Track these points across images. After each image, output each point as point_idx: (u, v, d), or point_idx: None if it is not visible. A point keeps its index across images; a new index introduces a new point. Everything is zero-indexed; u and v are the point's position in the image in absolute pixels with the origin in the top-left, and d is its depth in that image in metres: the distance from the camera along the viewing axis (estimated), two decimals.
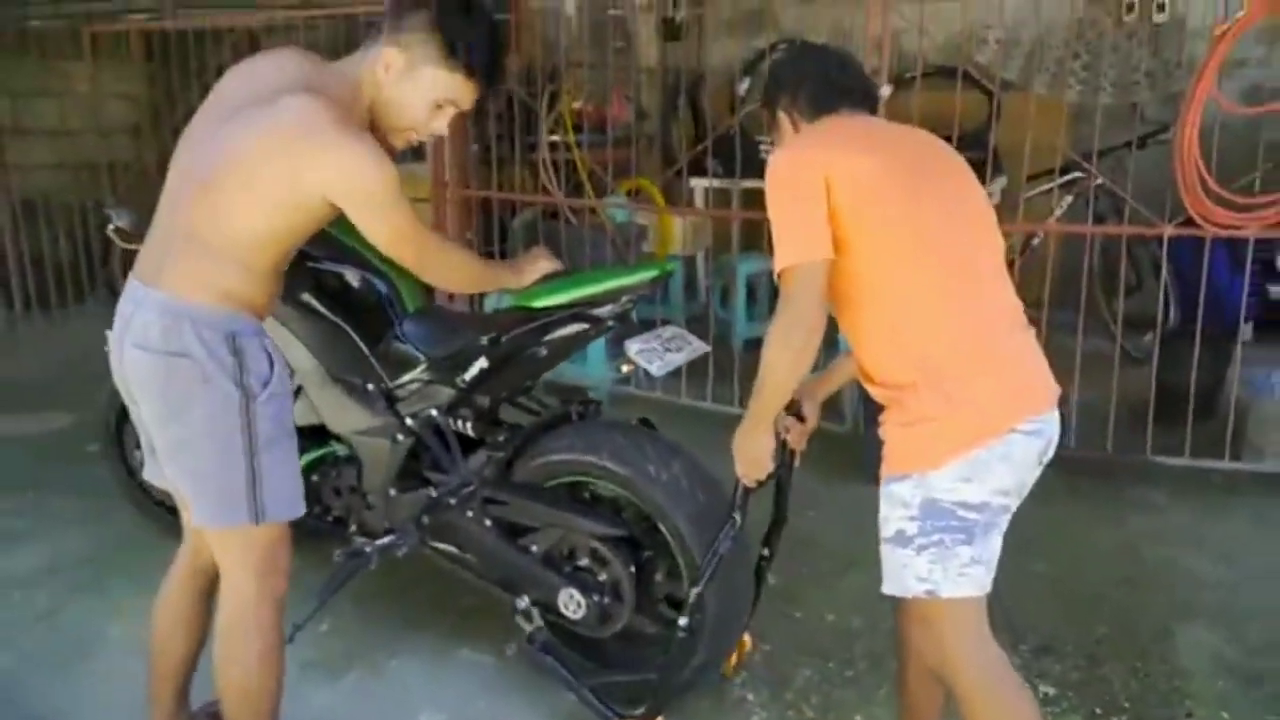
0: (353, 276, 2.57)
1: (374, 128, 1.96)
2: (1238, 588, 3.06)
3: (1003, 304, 1.87)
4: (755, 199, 4.49)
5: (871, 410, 1.87)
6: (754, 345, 2.23)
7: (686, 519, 2.24)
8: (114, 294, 2.01)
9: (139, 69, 6.09)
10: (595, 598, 2.31)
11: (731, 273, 5.34)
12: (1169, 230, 3.46)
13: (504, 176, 4.87)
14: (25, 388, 4.91)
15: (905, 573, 1.82)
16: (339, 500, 2.66)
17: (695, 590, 2.17)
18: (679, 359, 2.27)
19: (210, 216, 1.84)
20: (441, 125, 2.01)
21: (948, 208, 1.86)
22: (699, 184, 5.84)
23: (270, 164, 1.82)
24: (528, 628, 2.39)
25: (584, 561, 2.35)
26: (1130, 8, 5.72)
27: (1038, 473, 1.86)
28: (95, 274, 5.75)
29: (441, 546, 2.53)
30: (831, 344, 1.99)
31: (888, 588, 1.88)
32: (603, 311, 2.25)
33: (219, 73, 2.04)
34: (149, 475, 2.10)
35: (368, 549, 2.49)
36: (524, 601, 2.40)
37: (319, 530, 2.71)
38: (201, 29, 5.45)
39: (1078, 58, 5.77)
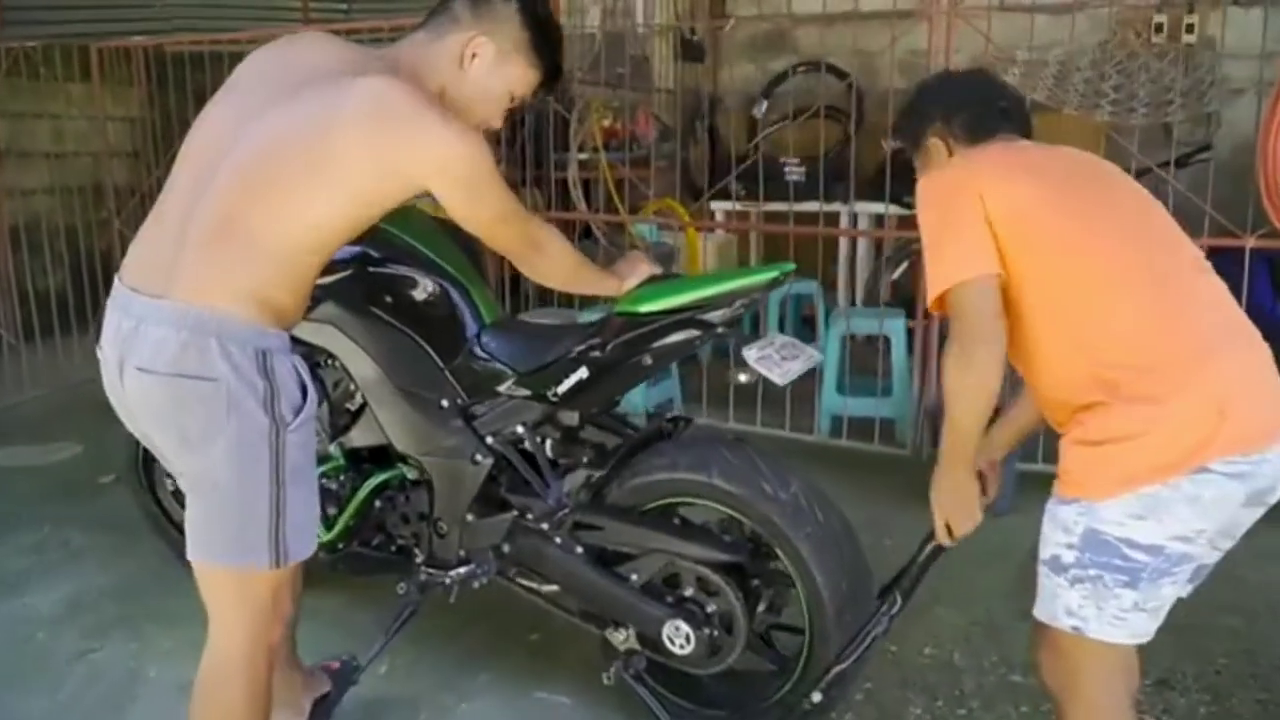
0: (424, 283, 2.38)
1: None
2: None
3: (1212, 315, 1.65)
4: (775, 221, 4.37)
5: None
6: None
7: (808, 541, 2.05)
8: None
9: (139, 91, 5.88)
10: (705, 631, 2.10)
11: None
12: (1251, 241, 3.33)
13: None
14: (29, 418, 4.65)
15: (1055, 602, 1.66)
16: (406, 528, 2.43)
17: (839, 668, 1.99)
18: (797, 367, 2.09)
19: (266, 212, 1.63)
20: (499, 121, 1.91)
21: (1119, 219, 1.71)
22: (720, 206, 5.69)
23: (352, 152, 1.64)
24: (621, 645, 2.20)
25: (689, 591, 2.15)
26: (1159, 28, 5.68)
27: (1255, 515, 1.65)
28: (99, 300, 5.49)
29: (523, 578, 2.32)
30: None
31: (1038, 611, 1.71)
32: (714, 316, 2.07)
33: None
34: None
35: (447, 580, 2.27)
36: (621, 634, 2.20)
37: (383, 563, 2.49)
38: (206, 52, 5.27)
39: (1107, 79, 5.70)
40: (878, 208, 5.02)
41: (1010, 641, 2.70)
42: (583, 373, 2.12)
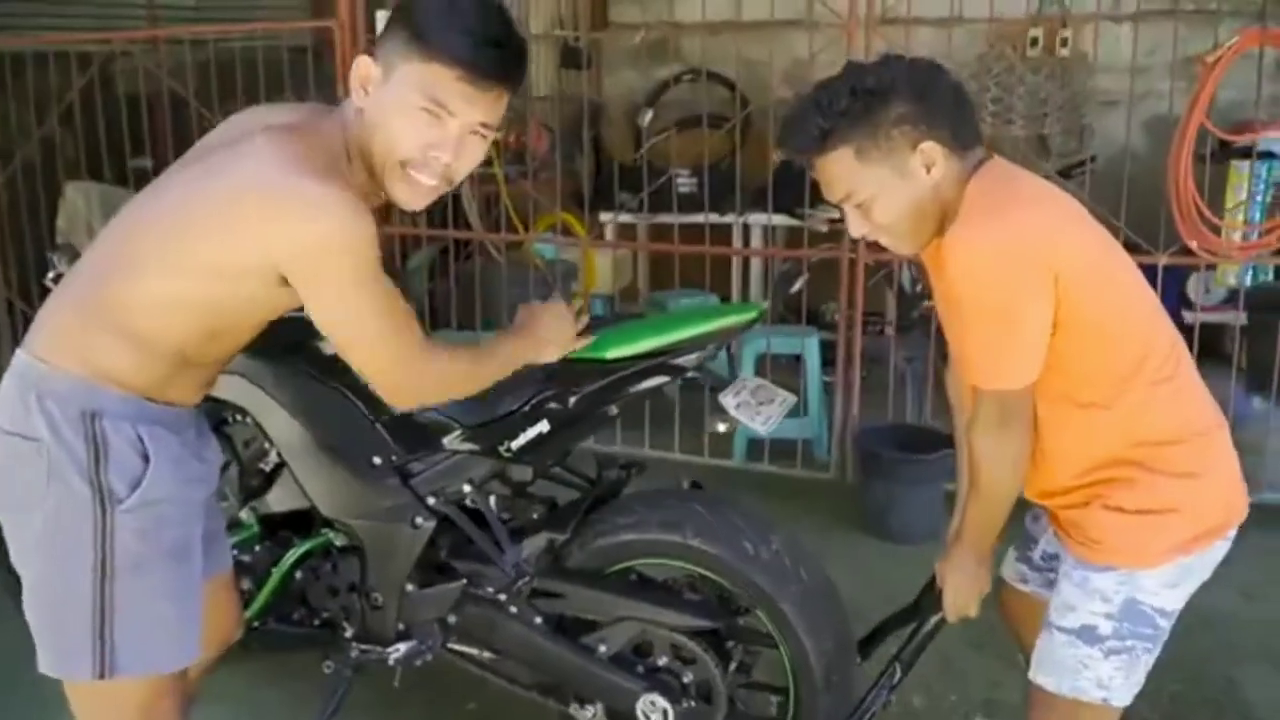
0: None
1: (379, 182, 1.53)
2: (1275, 625, 2.95)
3: (1204, 389, 1.65)
4: (672, 232, 4.24)
5: (867, 460, 1.66)
6: (690, 387, 2.06)
7: (792, 602, 1.91)
8: None
9: None
10: (684, 704, 1.93)
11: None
12: (1164, 259, 3.37)
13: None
14: None
15: (1083, 674, 1.59)
16: (333, 600, 2.17)
17: None
18: (775, 411, 1.93)
19: (115, 271, 1.47)
20: (445, 147, 1.47)
21: (1143, 294, 1.62)
22: (611, 219, 5.51)
23: (208, 215, 1.44)
24: None
25: (663, 661, 1.97)
26: (1034, 42, 5.82)
27: None
28: None
29: (471, 650, 2.10)
30: None
31: (1048, 681, 1.64)
32: (687, 360, 1.90)
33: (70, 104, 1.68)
34: None
35: (389, 658, 2.03)
36: (588, 711, 2.01)
37: (304, 639, 2.22)
38: (51, 51, 4.77)
39: (987, 91, 5.82)
40: (795, 220, 4.92)
41: (966, 680, 2.64)
42: (543, 426, 1.91)
